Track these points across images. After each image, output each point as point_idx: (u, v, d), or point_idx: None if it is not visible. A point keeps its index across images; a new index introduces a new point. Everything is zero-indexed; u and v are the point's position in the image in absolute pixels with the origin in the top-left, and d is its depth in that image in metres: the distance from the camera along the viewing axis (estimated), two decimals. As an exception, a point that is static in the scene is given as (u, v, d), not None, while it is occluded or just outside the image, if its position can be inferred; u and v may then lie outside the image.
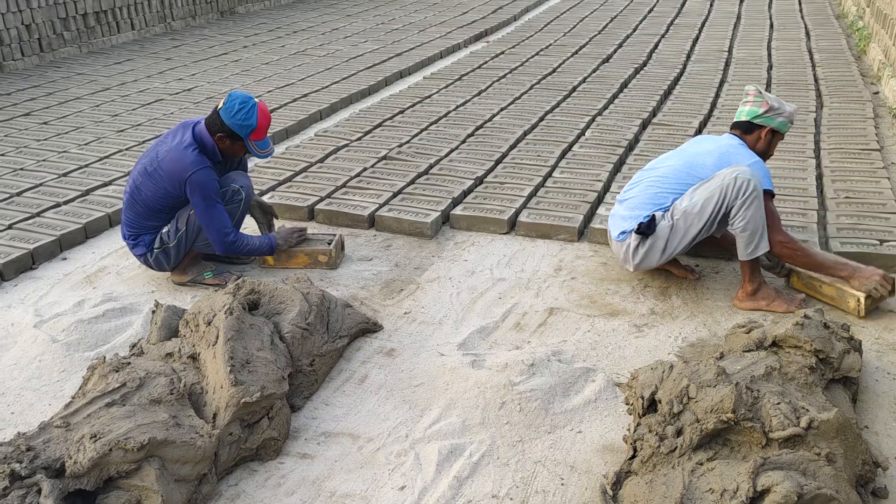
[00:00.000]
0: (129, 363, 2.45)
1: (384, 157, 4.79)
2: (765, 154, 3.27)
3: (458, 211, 4.01)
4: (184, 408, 2.30)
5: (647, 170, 3.38)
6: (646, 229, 3.12)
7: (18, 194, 4.39)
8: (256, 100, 3.29)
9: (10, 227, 3.97)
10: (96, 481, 2.07)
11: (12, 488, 1.97)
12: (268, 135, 3.39)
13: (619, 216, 3.30)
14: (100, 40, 8.50)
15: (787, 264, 3.26)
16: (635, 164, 4.46)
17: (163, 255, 3.38)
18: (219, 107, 3.25)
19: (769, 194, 3.09)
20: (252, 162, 4.73)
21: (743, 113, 3.24)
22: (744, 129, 3.25)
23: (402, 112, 5.77)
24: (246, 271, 3.61)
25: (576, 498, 2.22)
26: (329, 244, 3.62)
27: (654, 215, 3.15)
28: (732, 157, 3.15)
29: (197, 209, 3.28)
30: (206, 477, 2.24)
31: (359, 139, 5.18)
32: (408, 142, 5.07)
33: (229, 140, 3.28)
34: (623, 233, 3.23)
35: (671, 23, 8.84)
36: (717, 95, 5.96)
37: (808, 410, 2.07)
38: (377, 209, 4.06)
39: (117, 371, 2.38)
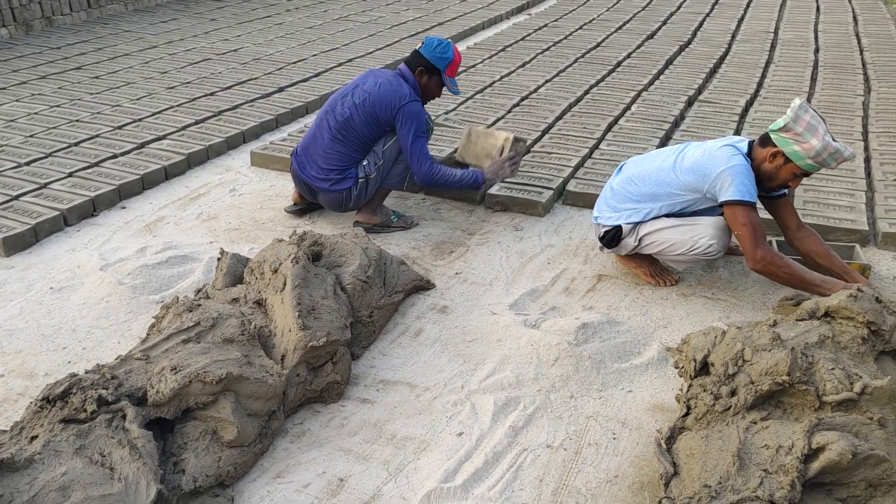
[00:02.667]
0: (201, 304, 2.56)
1: (431, 123, 4.85)
2: (771, 179, 2.89)
3: (506, 178, 4.06)
4: (254, 348, 2.41)
5: (636, 162, 3.21)
6: (607, 244, 3.20)
7: (76, 144, 4.51)
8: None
9: (70, 174, 4.10)
10: (176, 411, 2.18)
11: (100, 412, 2.09)
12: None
13: (603, 199, 3.24)
14: (145, -1, 8.59)
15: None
16: (682, 140, 4.48)
17: (364, 185, 3.54)
18: (417, 48, 3.57)
19: (749, 205, 2.85)
20: None
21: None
22: (761, 141, 2.91)
23: (446, 80, 5.79)
24: (415, 221, 3.75)
25: (628, 451, 2.31)
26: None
27: (620, 228, 3.12)
28: (706, 166, 2.90)
29: (403, 139, 3.47)
30: (274, 414, 2.35)
31: (405, 105, 5.23)
32: (454, 109, 5.12)
33: (427, 76, 3.54)
34: (596, 218, 3.24)
35: (716, 2, 8.75)
36: (764, 76, 5.93)
37: (861, 377, 2.13)
38: (426, 173, 4.13)
39: (191, 311, 2.49)
